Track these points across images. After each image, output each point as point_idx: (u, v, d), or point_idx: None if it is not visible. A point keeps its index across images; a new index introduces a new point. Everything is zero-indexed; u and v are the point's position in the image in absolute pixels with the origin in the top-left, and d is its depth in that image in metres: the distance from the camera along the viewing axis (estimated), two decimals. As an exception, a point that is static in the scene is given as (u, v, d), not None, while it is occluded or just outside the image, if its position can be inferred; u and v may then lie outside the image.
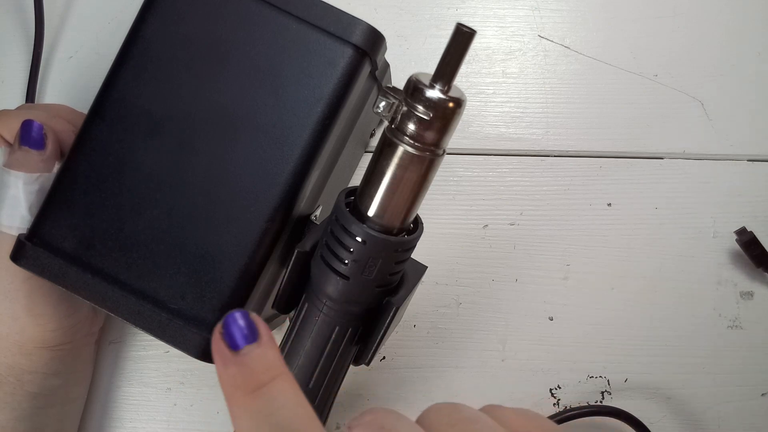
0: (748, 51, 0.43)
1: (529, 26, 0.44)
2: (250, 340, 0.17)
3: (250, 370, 0.17)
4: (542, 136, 0.42)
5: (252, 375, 0.17)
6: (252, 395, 0.17)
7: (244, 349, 0.17)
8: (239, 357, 0.17)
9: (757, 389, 0.40)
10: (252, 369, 0.17)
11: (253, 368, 0.17)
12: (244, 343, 0.17)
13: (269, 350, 0.17)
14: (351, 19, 0.27)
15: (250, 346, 0.17)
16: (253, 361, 0.17)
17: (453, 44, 0.21)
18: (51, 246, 0.27)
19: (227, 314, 0.18)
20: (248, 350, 0.17)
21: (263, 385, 0.17)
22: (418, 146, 0.22)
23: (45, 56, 0.43)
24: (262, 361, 0.17)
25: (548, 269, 0.41)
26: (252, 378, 0.17)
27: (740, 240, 0.40)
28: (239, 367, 0.17)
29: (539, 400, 0.40)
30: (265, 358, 0.17)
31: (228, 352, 0.17)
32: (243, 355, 0.17)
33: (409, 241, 0.25)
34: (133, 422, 0.40)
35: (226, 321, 0.18)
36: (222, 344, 0.17)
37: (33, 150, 0.29)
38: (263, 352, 0.17)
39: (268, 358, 0.17)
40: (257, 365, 0.17)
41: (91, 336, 0.37)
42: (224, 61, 0.27)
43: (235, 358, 0.17)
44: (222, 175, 0.27)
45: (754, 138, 0.42)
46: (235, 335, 0.17)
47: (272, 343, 0.18)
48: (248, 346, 0.17)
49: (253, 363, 0.17)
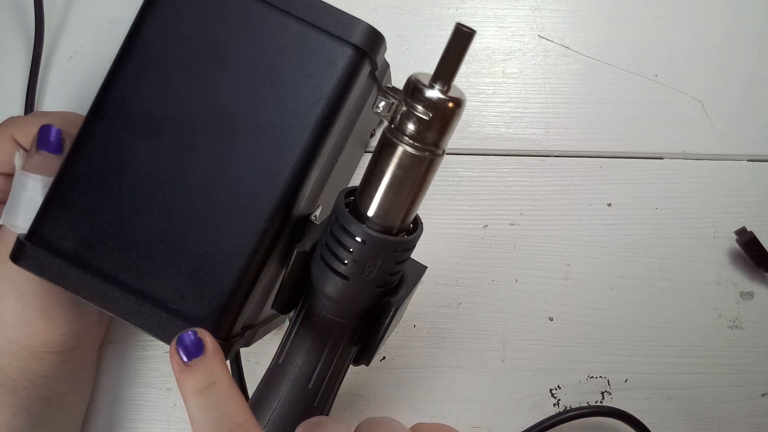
0: (748, 51, 0.43)
1: (529, 26, 0.44)
2: (197, 355, 0.23)
3: (197, 377, 0.23)
4: (542, 136, 0.42)
5: (198, 380, 0.23)
6: (199, 394, 0.23)
7: (192, 361, 0.23)
8: (188, 366, 0.23)
9: (757, 389, 0.40)
10: (198, 376, 0.23)
11: (199, 375, 0.23)
12: (192, 357, 0.23)
13: (211, 360, 0.23)
14: (351, 19, 0.27)
15: (196, 359, 0.23)
16: (198, 370, 0.23)
17: (453, 44, 0.21)
18: (51, 246, 0.27)
19: (180, 333, 0.23)
20: (194, 362, 0.23)
21: (206, 387, 0.23)
22: (417, 146, 0.22)
23: (45, 56, 0.43)
24: (204, 369, 0.23)
25: (548, 269, 0.41)
26: (198, 382, 0.23)
27: (740, 240, 0.40)
28: (188, 374, 0.23)
29: (539, 400, 0.40)
30: (207, 367, 0.23)
31: (181, 363, 0.23)
32: (191, 365, 0.23)
33: (409, 241, 0.25)
34: (133, 422, 0.40)
35: (179, 338, 0.23)
36: (176, 356, 0.23)
37: (51, 154, 0.30)
38: (206, 362, 0.23)
39: (209, 367, 0.23)
40: (201, 373, 0.23)
41: (96, 342, 0.37)
42: (224, 61, 0.27)
43: (186, 367, 0.23)
44: (222, 175, 0.27)
45: (754, 138, 0.42)
46: (186, 350, 0.23)
47: (215, 354, 0.23)
48: (195, 359, 0.23)
49: (199, 371, 0.23)
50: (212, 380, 0.23)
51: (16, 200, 0.29)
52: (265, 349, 0.40)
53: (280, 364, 0.26)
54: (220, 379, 0.23)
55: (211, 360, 0.23)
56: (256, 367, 0.40)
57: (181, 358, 0.23)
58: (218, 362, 0.23)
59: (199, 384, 0.23)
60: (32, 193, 0.29)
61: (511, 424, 0.39)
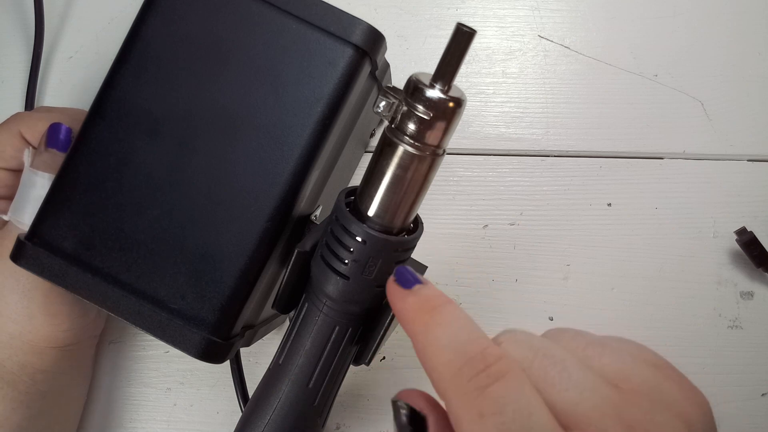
0: (749, 51, 0.43)
1: (529, 26, 0.44)
2: (418, 282, 0.22)
3: (425, 297, 0.21)
4: (542, 136, 0.42)
5: (427, 300, 0.21)
6: (430, 313, 0.20)
7: (416, 286, 0.22)
8: (413, 291, 0.21)
9: (757, 389, 0.40)
10: (426, 296, 0.21)
11: (428, 296, 0.21)
12: (414, 283, 0.22)
13: (433, 287, 0.22)
14: (351, 19, 0.27)
15: (419, 284, 0.22)
16: (425, 291, 0.21)
17: (453, 44, 0.21)
18: (51, 246, 0.27)
19: (397, 268, 0.22)
20: (419, 287, 0.21)
21: (438, 306, 0.20)
22: (418, 146, 0.22)
23: (45, 56, 0.43)
24: (431, 291, 0.21)
25: (548, 269, 0.41)
26: (428, 302, 0.21)
27: (740, 240, 0.40)
28: (415, 296, 0.21)
29: (539, 400, 0.40)
30: (433, 290, 0.21)
31: (403, 291, 0.21)
32: (416, 289, 0.21)
33: (409, 241, 0.25)
34: (133, 422, 0.40)
35: (397, 271, 0.22)
36: (396, 286, 0.22)
37: (60, 152, 0.30)
38: (430, 287, 0.22)
39: (435, 291, 0.21)
40: (429, 294, 0.21)
41: (95, 338, 0.38)
42: (224, 61, 0.27)
43: (410, 292, 0.21)
44: (222, 175, 0.27)
45: (754, 138, 0.42)
46: (408, 278, 0.22)
47: (433, 286, 0.22)
48: (418, 285, 0.22)
49: (426, 293, 0.21)
50: (442, 301, 0.21)
51: (24, 197, 0.30)
52: (265, 349, 0.40)
53: (280, 364, 0.26)
54: (450, 302, 0.21)
55: (434, 288, 0.21)
56: (256, 367, 0.40)
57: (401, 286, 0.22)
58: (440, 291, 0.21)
59: (429, 304, 0.20)
60: (41, 190, 0.29)
61: (511, 424, 0.39)
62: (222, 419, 0.39)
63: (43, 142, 0.30)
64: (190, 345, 0.27)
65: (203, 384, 0.40)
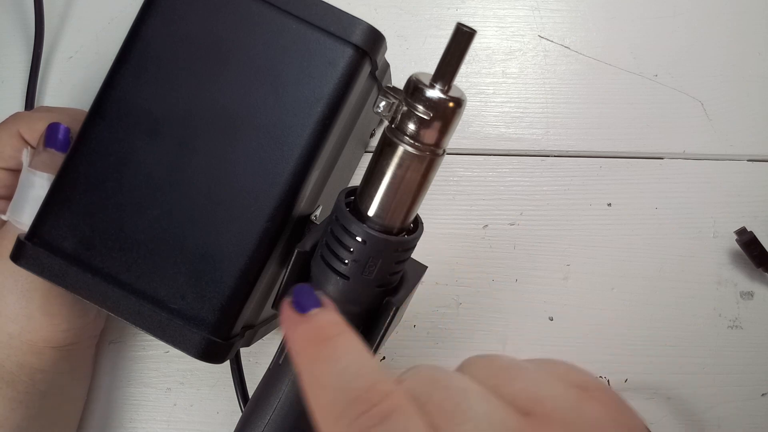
0: (749, 51, 0.43)
1: (529, 26, 0.44)
2: (315, 306, 0.20)
3: (318, 326, 0.19)
4: (542, 136, 0.42)
5: (320, 329, 0.19)
6: (319, 346, 0.18)
7: (312, 311, 0.19)
8: (306, 317, 0.19)
9: (757, 389, 0.40)
10: (319, 325, 0.19)
11: (321, 324, 0.19)
12: (311, 307, 0.20)
13: (332, 313, 0.20)
14: (351, 19, 0.27)
15: (315, 309, 0.20)
16: (319, 319, 0.19)
17: (453, 44, 0.21)
18: (51, 246, 0.27)
19: (295, 288, 0.20)
20: (314, 312, 0.19)
21: (330, 338, 0.18)
22: (418, 146, 0.22)
23: (45, 56, 0.43)
24: (327, 318, 0.19)
25: (548, 269, 0.41)
26: (320, 332, 0.19)
27: (740, 240, 0.40)
28: (307, 324, 0.19)
29: (539, 400, 0.40)
30: (330, 317, 0.19)
31: (296, 316, 0.19)
32: (310, 315, 0.19)
33: (409, 241, 0.25)
34: (133, 422, 0.40)
35: (294, 291, 0.20)
36: (291, 310, 0.20)
37: (58, 152, 0.30)
38: (327, 313, 0.19)
39: (333, 317, 0.19)
40: (324, 322, 0.19)
41: (95, 338, 0.38)
42: (224, 61, 0.27)
43: (303, 318, 0.19)
44: (222, 175, 0.27)
45: (754, 138, 0.42)
46: (304, 301, 0.20)
47: (334, 308, 0.20)
48: (314, 309, 0.19)
49: (320, 321, 0.19)
50: (337, 331, 0.19)
51: (23, 197, 0.30)
52: (265, 349, 0.40)
53: (280, 364, 0.26)
54: (345, 332, 0.19)
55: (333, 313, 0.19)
56: (256, 367, 0.40)
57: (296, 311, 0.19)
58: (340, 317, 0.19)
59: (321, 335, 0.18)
60: (39, 190, 0.29)
61: (511, 424, 0.39)
62: (222, 419, 0.39)
63: (42, 142, 0.30)
64: (190, 345, 0.27)
65: (203, 384, 0.40)
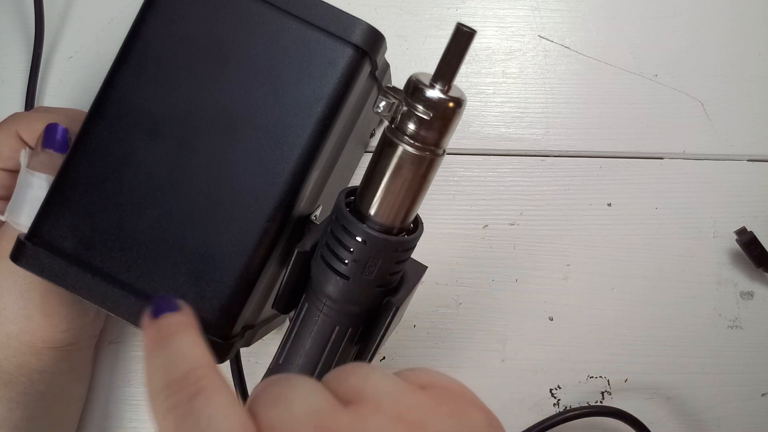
0: (749, 51, 0.43)
1: (529, 26, 0.44)
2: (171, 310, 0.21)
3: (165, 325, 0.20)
4: (542, 136, 0.42)
5: (166, 328, 0.20)
6: (159, 342, 0.20)
7: (162, 315, 0.21)
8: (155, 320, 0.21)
9: (757, 389, 0.40)
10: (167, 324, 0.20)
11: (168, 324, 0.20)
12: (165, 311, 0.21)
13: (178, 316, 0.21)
14: (351, 19, 0.27)
15: (167, 313, 0.21)
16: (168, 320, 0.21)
17: (453, 44, 0.21)
18: (51, 246, 0.27)
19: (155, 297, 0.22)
20: (164, 316, 0.21)
21: (171, 335, 0.20)
22: (418, 146, 0.22)
23: (45, 56, 0.43)
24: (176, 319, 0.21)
25: (548, 269, 0.41)
26: (161, 331, 0.20)
27: (740, 240, 0.40)
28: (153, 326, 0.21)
29: (539, 400, 0.40)
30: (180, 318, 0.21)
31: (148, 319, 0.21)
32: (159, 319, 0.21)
33: (409, 241, 0.25)
34: (133, 422, 0.40)
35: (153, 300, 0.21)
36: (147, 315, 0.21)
37: (56, 153, 0.30)
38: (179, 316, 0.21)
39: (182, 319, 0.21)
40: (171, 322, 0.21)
41: (94, 338, 0.38)
42: (224, 61, 0.27)
43: (152, 321, 0.21)
44: (222, 174, 0.27)
45: (754, 138, 0.42)
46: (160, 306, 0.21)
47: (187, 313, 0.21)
48: (167, 313, 0.21)
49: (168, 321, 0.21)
50: (176, 330, 0.20)
51: (21, 198, 0.29)
52: (265, 349, 0.40)
53: (280, 364, 0.26)
54: (186, 331, 0.20)
55: (182, 316, 0.21)
56: (256, 367, 0.40)
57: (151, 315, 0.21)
58: (189, 320, 0.21)
59: (160, 332, 0.20)
60: (37, 191, 0.29)
61: (511, 424, 0.39)
62: (222, 419, 0.39)
63: (40, 142, 0.30)
64: (190, 345, 0.27)
65: (203, 384, 0.40)
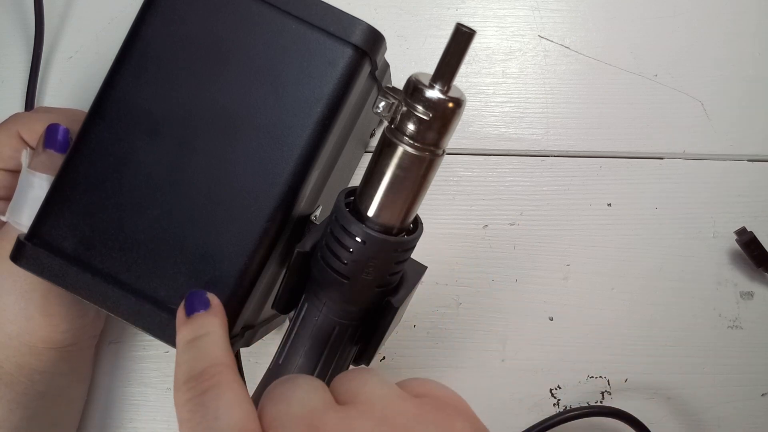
0: (749, 51, 0.43)
1: (529, 26, 0.44)
2: (204, 307, 0.23)
3: (193, 328, 0.22)
4: (542, 136, 0.42)
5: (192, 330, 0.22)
6: (187, 344, 0.22)
7: (194, 315, 0.23)
8: (189, 320, 0.23)
9: (757, 389, 0.40)
10: (194, 327, 0.23)
11: (194, 327, 0.23)
12: (193, 312, 0.23)
13: (209, 317, 0.23)
14: (351, 19, 0.27)
15: (200, 312, 0.23)
16: (194, 322, 0.23)
17: (453, 44, 0.21)
18: (51, 246, 0.27)
19: (188, 294, 0.24)
20: (196, 316, 0.23)
21: (196, 336, 0.22)
22: (417, 146, 0.22)
23: (45, 56, 0.43)
24: (200, 321, 0.23)
25: (548, 269, 0.41)
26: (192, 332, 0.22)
27: (740, 240, 0.40)
28: (186, 326, 0.23)
29: (539, 400, 0.40)
30: (203, 319, 0.23)
31: (183, 317, 0.23)
32: (192, 319, 0.23)
33: (409, 241, 0.25)
34: (133, 422, 0.40)
35: (188, 295, 0.24)
36: (182, 312, 0.23)
37: (58, 153, 0.30)
38: (204, 316, 0.23)
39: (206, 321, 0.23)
40: (196, 324, 0.23)
41: (94, 338, 0.38)
42: (224, 61, 0.27)
43: (187, 320, 0.23)
44: (222, 175, 0.27)
45: (754, 138, 0.42)
46: (192, 304, 0.23)
47: (216, 311, 0.23)
48: (198, 312, 0.23)
49: (194, 324, 0.23)
50: (205, 331, 0.22)
51: (22, 198, 0.30)
52: (265, 349, 0.40)
53: (280, 364, 0.26)
54: (213, 332, 0.22)
55: (211, 316, 0.23)
56: (256, 367, 0.40)
57: (184, 313, 0.23)
58: (217, 320, 0.23)
59: (191, 333, 0.22)
60: (39, 191, 0.29)
61: (511, 424, 0.39)
62: (222, 419, 0.39)
63: (41, 142, 0.30)
64: (190, 345, 0.27)
65: (203, 384, 0.40)
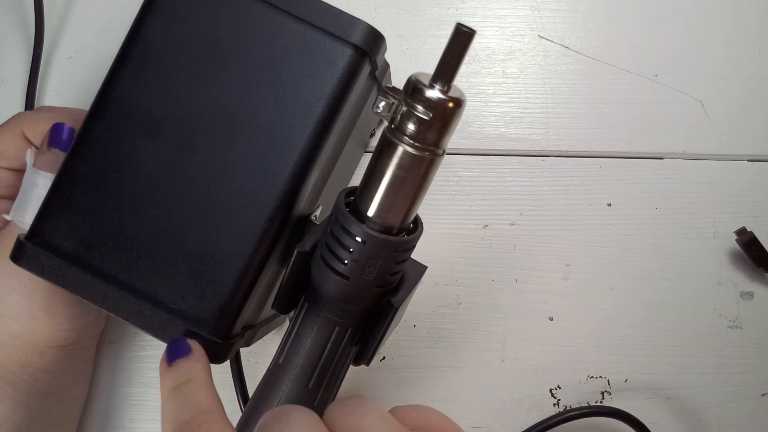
0: (748, 51, 0.43)
1: (529, 26, 0.44)
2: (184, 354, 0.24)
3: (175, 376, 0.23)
4: (542, 136, 0.42)
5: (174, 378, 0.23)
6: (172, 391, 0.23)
7: (174, 363, 0.24)
8: (170, 368, 0.24)
9: (757, 389, 0.40)
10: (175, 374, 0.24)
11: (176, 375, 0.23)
12: (174, 359, 0.24)
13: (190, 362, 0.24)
14: (351, 19, 0.27)
15: (180, 360, 0.24)
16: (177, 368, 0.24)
17: (453, 44, 0.21)
18: (51, 246, 0.27)
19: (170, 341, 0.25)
20: (176, 364, 0.24)
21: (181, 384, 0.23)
22: (417, 146, 0.22)
23: (45, 56, 0.43)
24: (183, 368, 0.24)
25: (548, 269, 0.41)
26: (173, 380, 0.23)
27: (740, 240, 0.40)
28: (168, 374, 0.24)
29: (539, 400, 0.40)
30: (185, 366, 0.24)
31: (165, 367, 0.24)
32: (173, 368, 0.24)
33: (409, 241, 0.25)
34: (133, 422, 0.40)
35: (168, 345, 0.25)
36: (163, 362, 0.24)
37: (62, 152, 0.30)
38: (186, 362, 0.24)
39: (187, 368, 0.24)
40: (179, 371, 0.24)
41: (95, 337, 0.38)
42: (224, 61, 0.27)
43: (168, 369, 0.24)
44: (222, 175, 0.27)
45: (754, 138, 0.42)
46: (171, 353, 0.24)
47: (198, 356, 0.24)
48: (179, 360, 0.24)
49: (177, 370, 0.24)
50: (188, 378, 0.23)
51: (27, 197, 0.30)
52: (265, 349, 0.40)
53: (280, 364, 0.26)
54: (196, 378, 0.23)
55: (192, 362, 0.24)
56: (256, 367, 0.40)
57: (166, 362, 0.24)
58: (199, 365, 0.24)
59: (174, 381, 0.23)
60: (43, 190, 0.29)
61: (511, 424, 0.39)
62: (222, 419, 0.39)
63: (46, 142, 0.30)
64: (190, 345, 0.27)
65: (203, 384, 0.40)
